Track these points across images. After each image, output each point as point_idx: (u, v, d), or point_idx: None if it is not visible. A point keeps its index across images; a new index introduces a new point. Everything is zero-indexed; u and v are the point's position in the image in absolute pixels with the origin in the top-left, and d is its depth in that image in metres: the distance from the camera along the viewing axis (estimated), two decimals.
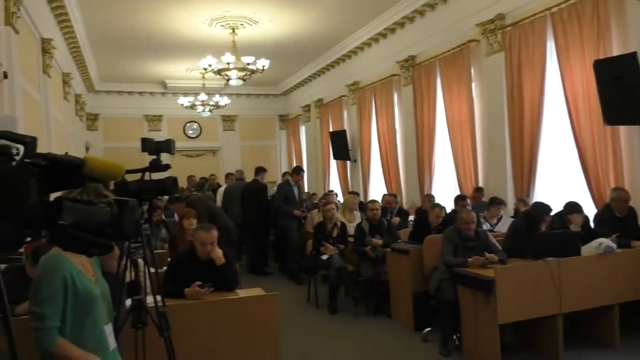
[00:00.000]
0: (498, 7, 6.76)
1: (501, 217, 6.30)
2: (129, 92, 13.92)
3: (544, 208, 4.93)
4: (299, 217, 8.26)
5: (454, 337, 4.76)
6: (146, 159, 2.67)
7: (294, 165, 13.25)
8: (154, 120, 14.32)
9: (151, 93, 14.09)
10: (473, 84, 7.39)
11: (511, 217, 6.30)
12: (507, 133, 6.77)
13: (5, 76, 4.90)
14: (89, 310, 2.09)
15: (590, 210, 5.46)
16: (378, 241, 5.99)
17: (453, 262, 4.65)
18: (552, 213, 5.03)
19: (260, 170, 8.85)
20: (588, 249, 4.60)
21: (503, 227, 5.95)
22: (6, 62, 4.99)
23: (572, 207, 5.20)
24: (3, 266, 3.20)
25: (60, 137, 8.11)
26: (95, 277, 2.23)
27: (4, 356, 1.37)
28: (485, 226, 6.07)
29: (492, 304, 4.09)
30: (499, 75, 6.82)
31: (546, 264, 4.28)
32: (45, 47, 7.13)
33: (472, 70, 7.40)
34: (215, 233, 3.76)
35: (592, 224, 5.21)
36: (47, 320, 1.99)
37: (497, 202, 6.26)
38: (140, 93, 14.02)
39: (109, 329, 2.21)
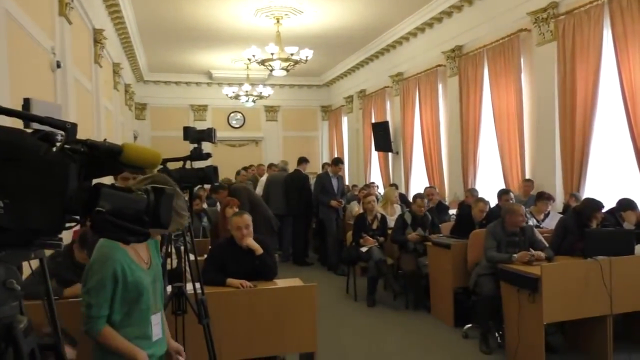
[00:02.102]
0: None
1: (549, 212, 6.08)
2: (176, 82, 14.22)
3: (595, 204, 4.71)
4: (337, 208, 8.25)
5: (497, 334, 4.66)
6: (192, 148, 2.71)
7: (335, 156, 13.23)
8: (199, 110, 14.59)
9: (197, 83, 14.34)
10: (522, 75, 7.14)
11: (559, 212, 6.08)
12: (558, 126, 6.51)
13: (59, 65, 5.08)
14: (138, 300, 2.11)
15: None
16: (415, 235, 5.97)
17: (496, 257, 4.52)
18: (605, 210, 4.81)
19: (302, 161, 8.90)
20: None
21: (550, 223, 5.74)
22: (59, 52, 5.18)
23: (626, 204, 4.96)
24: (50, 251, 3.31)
25: (110, 126, 8.38)
26: (149, 263, 2.22)
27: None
28: (532, 222, 5.87)
29: (537, 303, 3.96)
30: (551, 65, 6.55)
31: (596, 263, 4.11)
32: (97, 38, 7.34)
33: (522, 60, 7.14)
34: (247, 216, 3.77)
35: None
36: (94, 308, 2.03)
37: (545, 197, 6.03)
38: (186, 83, 14.30)
39: (156, 319, 2.20)
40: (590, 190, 6.11)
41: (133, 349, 2.07)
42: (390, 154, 11.28)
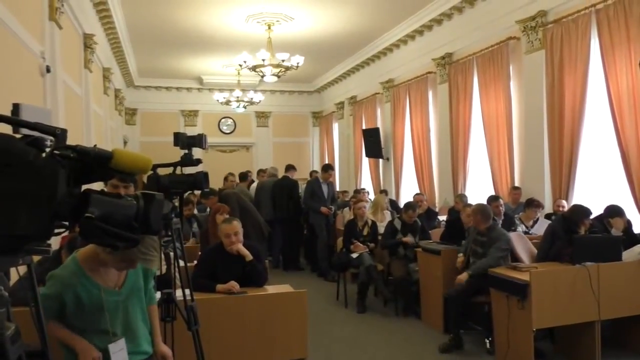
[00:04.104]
0: (540, 3, 6.56)
1: (537, 219, 6.13)
2: (167, 88, 14.16)
3: (583, 211, 4.76)
4: (326, 215, 8.26)
5: (487, 340, 4.68)
6: (182, 153, 2.70)
7: (326, 162, 13.25)
8: (190, 115, 14.54)
9: (188, 89, 14.30)
10: (511, 83, 7.21)
11: (546, 217, 6.14)
12: (546, 133, 6.57)
13: (48, 70, 5.04)
14: (94, 319, 2.20)
15: (632, 214, 5.25)
16: (409, 238, 6.02)
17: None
18: (592, 216, 4.86)
19: (290, 168, 9.03)
20: (630, 254, 4.44)
21: (539, 229, 5.79)
22: (49, 56, 5.14)
23: (614, 211, 5.00)
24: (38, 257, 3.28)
25: (99, 131, 8.32)
26: (121, 284, 2.30)
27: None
28: (521, 228, 5.92)
29: (526, 309, 3.99)
30: (539, 73, 6.62)
31: (585, 269, 4.14)
32: (87, 43, 7.30)
33: (511, 68, 7.21)
34: (237, 223, 3.78)
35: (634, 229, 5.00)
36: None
37: (534, 205, 6.08)
38: (177, 88, 14.25)
39: (116, 347, 2.19)
40: (578, 196, 6.17)
41: (73, 339, 2.14)
42: (380, 160, 11.31)
